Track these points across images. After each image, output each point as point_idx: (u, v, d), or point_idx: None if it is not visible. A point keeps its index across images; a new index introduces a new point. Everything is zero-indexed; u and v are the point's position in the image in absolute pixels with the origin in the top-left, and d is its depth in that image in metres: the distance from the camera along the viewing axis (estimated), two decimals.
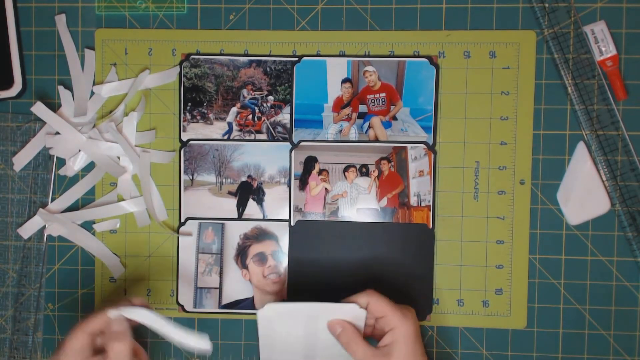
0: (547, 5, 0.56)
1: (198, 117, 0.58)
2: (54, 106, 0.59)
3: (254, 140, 0.58)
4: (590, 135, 0.56)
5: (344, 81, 0.57)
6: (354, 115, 0.57)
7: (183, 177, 0.58)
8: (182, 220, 0.58)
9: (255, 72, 0.58)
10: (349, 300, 0.50)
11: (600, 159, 0.56)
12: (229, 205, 0.58)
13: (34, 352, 0.59)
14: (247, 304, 0.58)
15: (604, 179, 0.56)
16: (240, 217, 0.58)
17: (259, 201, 0.58)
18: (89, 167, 0.59)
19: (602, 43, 0.55)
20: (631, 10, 0.56)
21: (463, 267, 0.57)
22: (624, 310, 0.57)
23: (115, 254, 0.59)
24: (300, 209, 0.57)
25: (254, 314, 0.58)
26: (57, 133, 0.57)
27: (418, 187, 0.57)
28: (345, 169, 0.57)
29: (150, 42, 0.58)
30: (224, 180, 0.58)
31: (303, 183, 0.57)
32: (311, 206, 0.57)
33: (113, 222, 0.58)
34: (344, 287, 0.57)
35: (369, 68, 0.57)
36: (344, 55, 0.57)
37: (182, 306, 0.58)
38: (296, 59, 0.57)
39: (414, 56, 0.57)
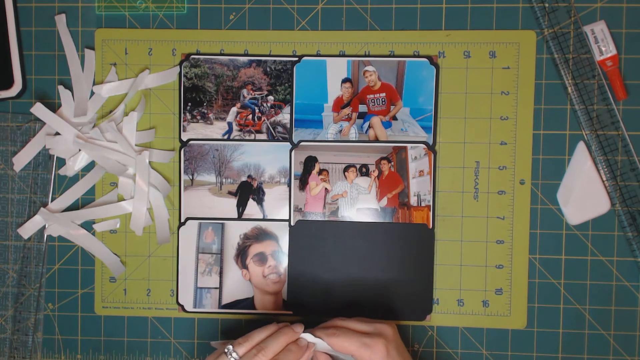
0: (547, 5, 0.56)
1: (198, 117, 0.58)
2: (54, 106, 0.59)
3: (254, 140, 0.58)
4: (590, 135, 0.56)
5: (344, 81, 0.57)
6: (354, 115, 0.57)
7: (183, 177, 0.58)
8: (182, 220, 0.58)
9: (255, 72, 0.58)
10: (314, 333, 0.49)
11: (600, 159, 0.56)
12: (229, 205, 0.58)
13: (34, 352, 0.59)
14: (247, 304, 0.58)
15: (604, 179, 0.56)
16: (240, 217, 0.58)
17: (259, 201, 0.58)
18: (89, 167, 0.59)
19: (602, 43, 0.55)
20: (631, 10, 0.56)
21: (463, 267, 0.57)
22: (624, 310, 0.57)
23: (115, 254, 0.59)
24: (300, 209, 0.57)
25: (254, 314, 0.58)
26: (57, 133, 0.57)
27: (418, 187, 0.57)
28: (345, 169, 0.57)
29: (150, 42, 0.58)
30: (224, 180, 0.58)
31: (303, 183, 0.57)
32: (311, 206, 0.57)
33: (113, 222, 0.58)
34: (344, 287, 0.57)
35: (369, 68, 0.57)
36: (344, 55, 0.57)
37: (182, 306, 0.58)
38: (296, 59, 0.57)
39: (414, 56, 0.57)
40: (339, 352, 0.49)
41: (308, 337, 0.49)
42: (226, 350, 0.46)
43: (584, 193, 0.56)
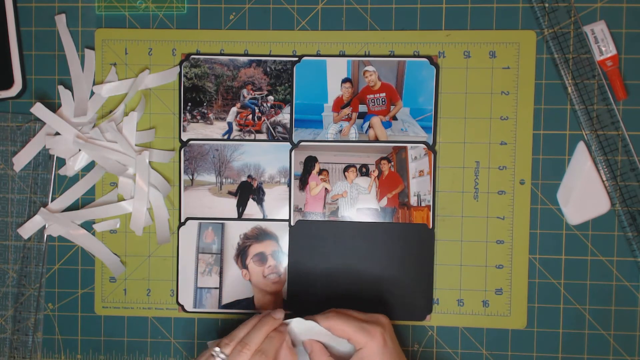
0: (547, 5, 0.56)
1: (198, 117, 0.58)
2: (54, 106, 0.59)
3: (254, 140, 0.58)
4: (590, 135, 0.56)
5: (344, 81, 0.57)
6: (354, 115, 0.57)
7: (183, 177, 0.58)
8: (182, 220, 0.58)
9: (255, 72, 0.58)
10: (311, 318, 0.49)
11: (600, 159, 0.56)
12: (229, 205, 0.58)
13: (34, 352, 0.59)
14: (247, 304, 0.58)
15: (604, 179, 0.56)
16: (240, 217, 0.58)
17: (259, 201, 0.58)
18: (89, 167, 0.59)
19: (602, 43, 0.55)
20: (631, 10, 0.56)
21: (463, 267, 0.57)
22: (624, 310, 0.57)
23: (115, 254, 0.59)
24: (300, 209, 0.57)
25: (254, 314, 0.58)
26: (57, 133, 0.57)
27: (418, 187, 0.57)
28: (345, 169, 0.57)
29: (150, 42, 0.58)
30: (224, 180, 0.58)
31: (303, 183, 0.57)
32: (311, 206, 0.57)
33: (113, 222, 0.58)
34: (344, 286, 0.57)
35: (369, 68, 0.57)
36: (344, 55, 0.57)
37: (182, 306, 0.58)
38: (296, 59, 0.57)
39: (414, 56, 0.57)
40: (332, 343, 0.49)
41: (300, 322, 0.49)
42: (213, 352, 0.46)
43: (584, 193, 0.56)
